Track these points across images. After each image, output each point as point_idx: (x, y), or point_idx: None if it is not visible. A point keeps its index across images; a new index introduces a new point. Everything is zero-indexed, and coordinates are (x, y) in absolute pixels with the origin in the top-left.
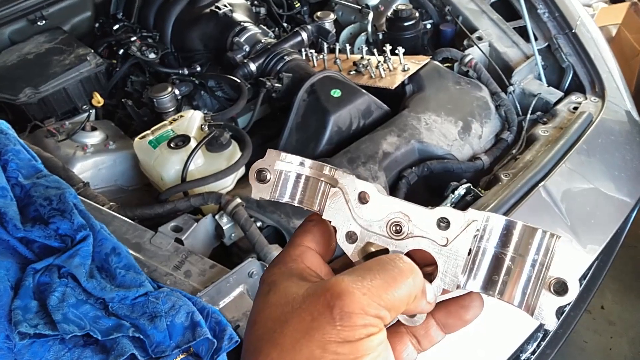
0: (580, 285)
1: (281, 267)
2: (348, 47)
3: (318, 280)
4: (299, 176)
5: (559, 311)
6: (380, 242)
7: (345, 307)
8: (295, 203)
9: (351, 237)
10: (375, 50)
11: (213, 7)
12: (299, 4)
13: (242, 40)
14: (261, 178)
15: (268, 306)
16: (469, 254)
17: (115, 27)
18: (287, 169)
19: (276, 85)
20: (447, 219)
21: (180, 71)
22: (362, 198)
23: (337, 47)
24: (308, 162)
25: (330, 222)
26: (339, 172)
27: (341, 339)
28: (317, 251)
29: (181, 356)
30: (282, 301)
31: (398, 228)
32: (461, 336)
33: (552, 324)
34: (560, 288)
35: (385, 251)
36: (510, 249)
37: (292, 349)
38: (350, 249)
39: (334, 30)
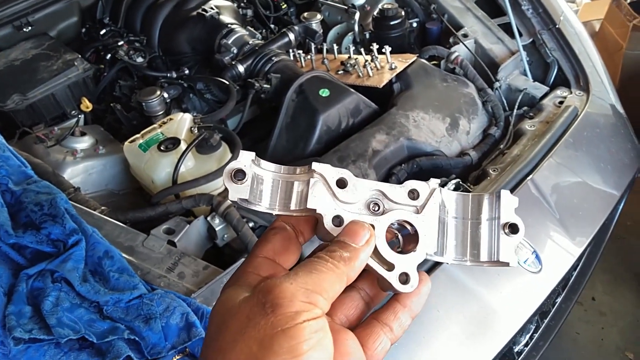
0: (571, 278)
1: (232, 282)
2: (335, 47)
3: None
4: (274, 181)
5: (516, 250)
6: (365, 220)
7: (275, 299)
8: (270, 210)
9: (338, 219)
10: (362, 50)
11: (200, 10)
12: (285, 6)
13: (229, 42)
14: (238, 178)
15: (212, 316)
16: (440, 220)
17: (102, 32)
18: (260, 174)
19: (265, 86)
20: (416, 189)
21: (168, 74)
22: (341, 183)
23: (325, 47)
24: (281, 167)
25: (315, 209)
26: (314, 164)
27: (275, 330)
28: (275, 259)
29: (177, 357)
30: (222, 310)
31: (376, 206)
32: (454, 329)
33: (513, 261)
34: (512, 229)
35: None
36: (468, 216)
37: (232, 350)
38: (337, 232)
39: (321, 31)
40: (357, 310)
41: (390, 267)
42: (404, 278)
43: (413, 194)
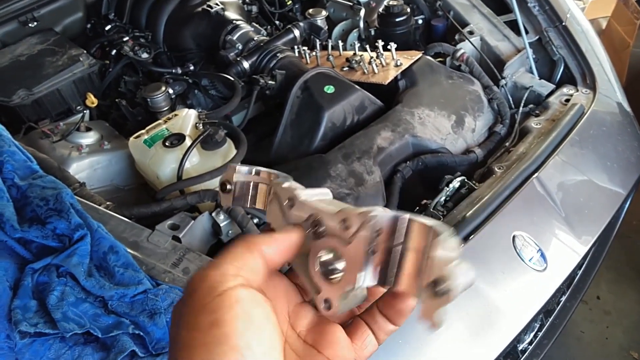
0: (576, 276)
1: None
2: (340, 43)
3: None
4: (255, 185)
5: (444, 312)
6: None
7: (191, 285)
8: (256, 206)
9: None
10: (367, 46)
11: (205, 6)
12: (290, 2)
13: (234, 38)
14: (223, 189)
15: None
16: (368, 252)
17: (107, 28)
18: (242, 180)
19: (270, 82)
20: (346, 220)
21: (173, 70)
22: (290, 201)
23: (330, 44)
24: (260, 170)
25: (270, 224)
26: (276, 180)
27: (195, 310)
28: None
29: None
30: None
31: (318, 228)
32: (457, 326)
33: (436, 327)
34: (441, 289)
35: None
36: (401, 242)
37: (173, 345)
38: None
39: (326, 27)
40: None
41: (317, 290)
42: (327, 305)
43: (344, 224)
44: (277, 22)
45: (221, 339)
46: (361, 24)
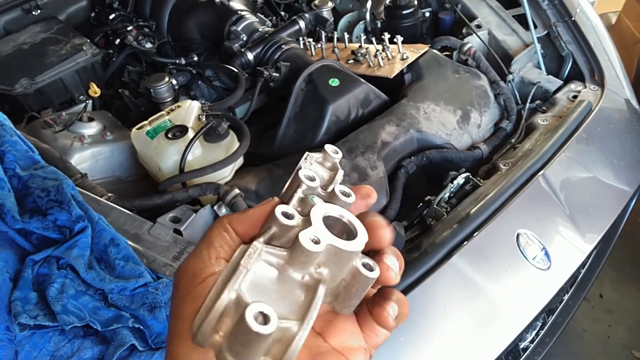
0: (579, 274)
1: None
2: (346, 35)
3: None
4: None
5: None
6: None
7: (178, 274)
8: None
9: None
10: (373, 39)
11: None
12: None
13: (239, 29)
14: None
15: None
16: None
17: (111, 17)
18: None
19: (274, 74)
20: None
21: (177, 61)
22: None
23: (335, 36)
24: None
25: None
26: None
27: (181, 298)
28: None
29: None
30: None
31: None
32: (460, 324)
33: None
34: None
35: None
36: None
37: (167, 335)
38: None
39: (332, 19)
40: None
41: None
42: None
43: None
44: (282, 13)
45: None
46: (367, 16)
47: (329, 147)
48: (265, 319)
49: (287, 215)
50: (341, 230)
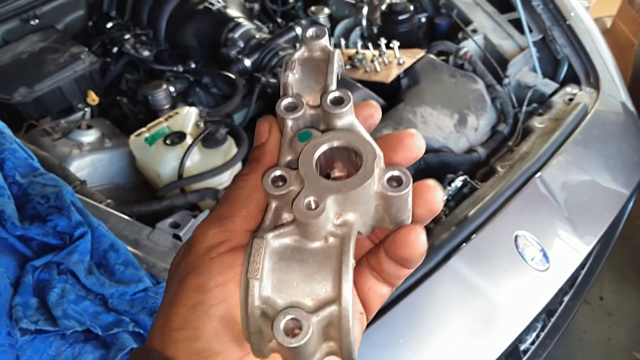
0: (578, 276)
1: None
2: (343, 41)
3: None
4: None
5: None
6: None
7: (193, 239)
8: None
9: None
10: (370, 45)
11: (206, 4)
12: None
13: (236, 36)
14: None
15: None
16: None
17: (108, 26)
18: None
19: (271, 80)
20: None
21: (174, 68)
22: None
23: (332, 42)
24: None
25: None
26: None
27: (189, 269)
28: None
29: None
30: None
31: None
32: (459, 326)
33: None
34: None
35: None
36: None
37: (164, 294)
38: None
39: (329, 25)
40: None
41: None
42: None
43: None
44: (279, 20)
45: (203, 305)
46: (364, 22)
47: (309, 31)
48: (296, 325)
49: (277, 181)
50: (347, 158)
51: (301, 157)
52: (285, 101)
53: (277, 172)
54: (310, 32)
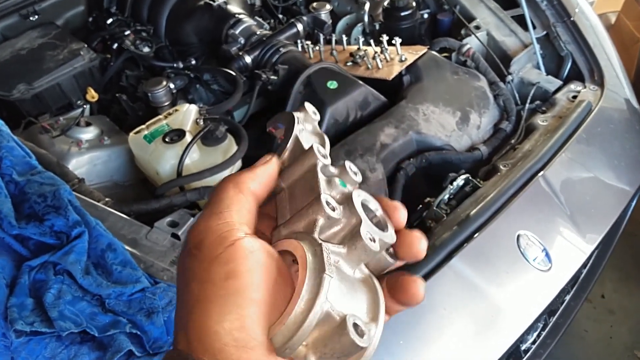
0: (581, 275)
1: None
2: (344, 38)
3: None
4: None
5: None
6: None
7: (194, 238)
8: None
9: None
10: (372, 41)
11: (207, 0)
12: None
13: (237, 32)
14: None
15: None
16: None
17: (108, 22)
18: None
19: (272, 77)
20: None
21: (175, 65)
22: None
23: (334, 38)
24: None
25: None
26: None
27: (207, 263)
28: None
29: None
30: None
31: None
32: (460, 327)
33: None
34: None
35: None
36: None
37: (184, 300)
38: None
39: (330, 21)
40: None
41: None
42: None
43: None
44: (280, 16)
45: (239, 290)
46: (366, 18)
47: (309, 107)
48: (359, 329)
49: (332, 207)
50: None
51: (356, 201)
52: (319, 148)
53: (331, 200)
54: (312, 109)
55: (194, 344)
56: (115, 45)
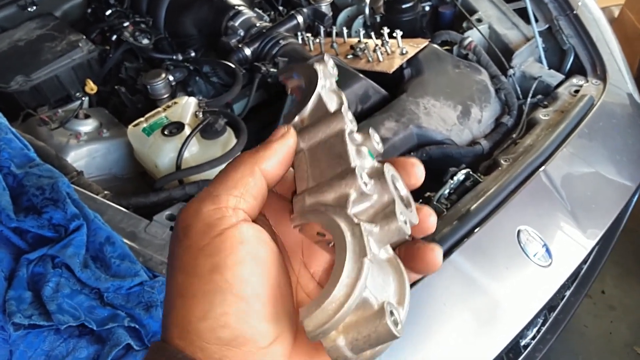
0: (581, 271)
1: None
2: (345, 30)
3: None
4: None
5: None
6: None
7: (183, 221)
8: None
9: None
10: (372, 34)
11: None
12: None
13: (236, 24)
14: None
15: None
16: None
17: (107, 13)
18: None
19: (272, 70)
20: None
21: (174, 57)
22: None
23: (334, 31)
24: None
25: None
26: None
27: (193, 252)
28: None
29: None
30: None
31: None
32: (460, 322)
33: None
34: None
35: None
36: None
37: (169, 290)
38: None
39: (331, 14)
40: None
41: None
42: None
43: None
44: (280, 8)
45: (223, 287)
46: (366, 11)
47: (328, 59)
48: (394, 318)
49: (364, 182)
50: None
51: (389, 180)
52: (348, 112)
53: (365, 175)
54: (332, 63)
55: (174, 341)
56: (114, 37)
